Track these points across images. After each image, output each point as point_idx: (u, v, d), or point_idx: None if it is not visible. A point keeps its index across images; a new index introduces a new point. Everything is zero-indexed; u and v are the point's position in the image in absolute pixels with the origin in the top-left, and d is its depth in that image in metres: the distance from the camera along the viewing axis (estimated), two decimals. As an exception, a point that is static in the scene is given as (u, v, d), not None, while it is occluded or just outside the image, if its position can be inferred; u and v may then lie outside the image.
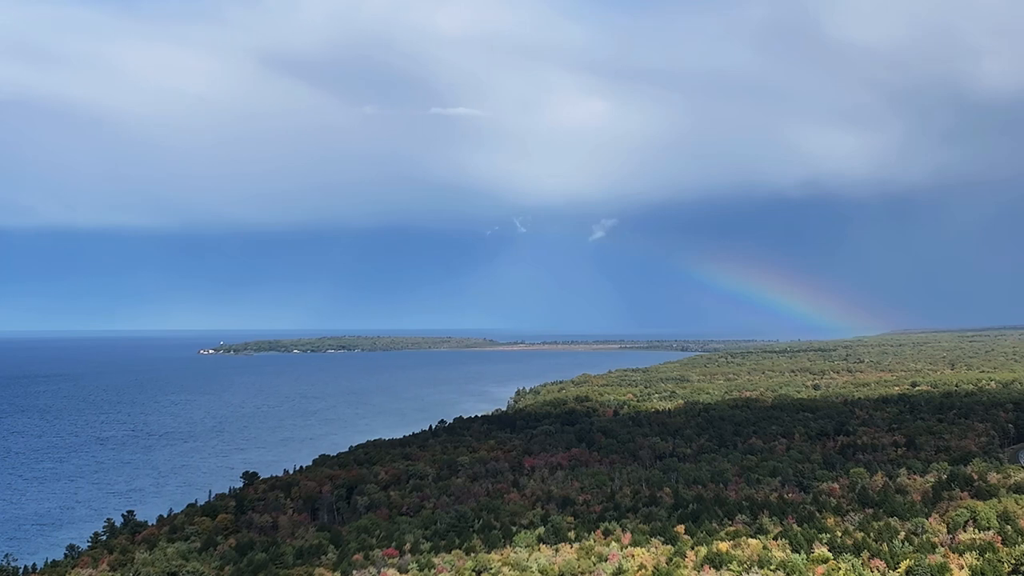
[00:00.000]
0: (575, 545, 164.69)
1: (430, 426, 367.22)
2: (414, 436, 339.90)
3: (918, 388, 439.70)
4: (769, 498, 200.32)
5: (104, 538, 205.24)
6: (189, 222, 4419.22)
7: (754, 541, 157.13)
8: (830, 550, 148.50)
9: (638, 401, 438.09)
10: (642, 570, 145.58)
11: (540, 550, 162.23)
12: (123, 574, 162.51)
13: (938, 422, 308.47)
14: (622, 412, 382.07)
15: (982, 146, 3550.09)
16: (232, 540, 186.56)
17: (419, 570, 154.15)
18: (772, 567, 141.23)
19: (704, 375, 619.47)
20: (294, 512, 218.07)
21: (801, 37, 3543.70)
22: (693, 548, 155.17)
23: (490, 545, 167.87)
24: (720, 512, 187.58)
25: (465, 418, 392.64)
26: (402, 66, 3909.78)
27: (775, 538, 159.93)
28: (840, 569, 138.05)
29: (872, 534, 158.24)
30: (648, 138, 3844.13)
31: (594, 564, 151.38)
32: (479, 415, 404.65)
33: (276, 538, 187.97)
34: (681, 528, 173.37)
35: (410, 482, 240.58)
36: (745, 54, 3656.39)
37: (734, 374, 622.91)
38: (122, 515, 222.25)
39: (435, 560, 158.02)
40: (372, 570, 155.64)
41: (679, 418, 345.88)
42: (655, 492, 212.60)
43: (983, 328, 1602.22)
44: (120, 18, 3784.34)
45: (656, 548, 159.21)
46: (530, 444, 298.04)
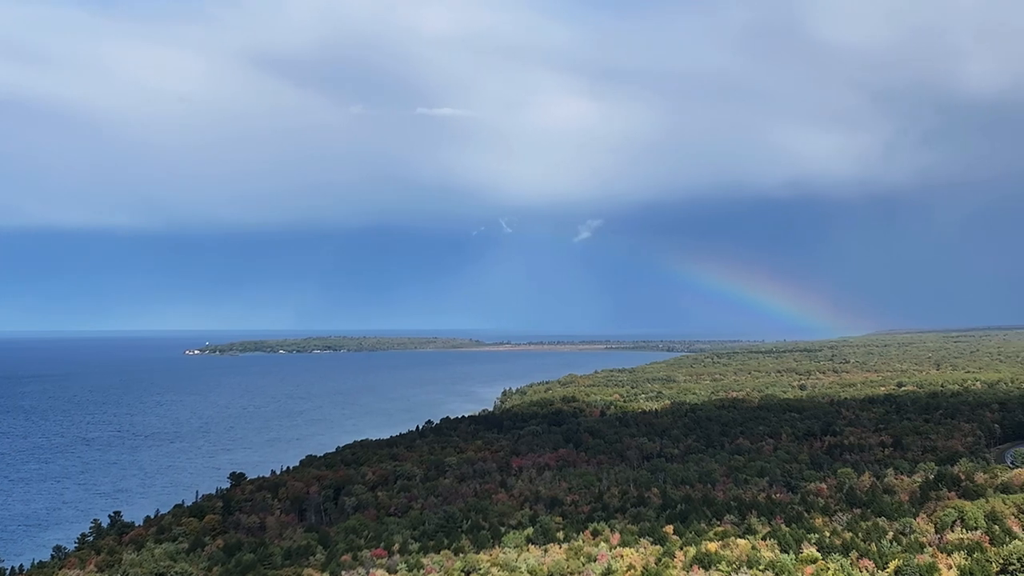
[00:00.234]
0: (564, 546, 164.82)
1: (417, 426, 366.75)
2: (401, 436, 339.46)
3: (904, 388, 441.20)
4: (757, 498, 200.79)
5: (91, 539, 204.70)
6: (175, 222, 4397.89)
7: (743, 541, 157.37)
8: (819, 550, 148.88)
9: (625, 401, 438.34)
10: (631, 570, 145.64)
11: (529, 550, 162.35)
12: (111, 575, 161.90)
13: (924, 422, 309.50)
14: (609, 412, 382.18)
15: (965, 147, 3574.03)
16: (220, 541, 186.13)
17: (408, 571, 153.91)
18: (761, 567, 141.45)
19: (690, 375, 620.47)
20: (282, 513, 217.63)
21: (785, 38, 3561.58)
22: (682, 548, 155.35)
23: (479, 546, 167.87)
24: (708, 512, 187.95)
25: (452, 418, 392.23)
26: (388, 66, 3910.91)
27: (764, 538, 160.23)
28: (829, 569, 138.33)
29: (860, 534, 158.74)
30: (633, 138, 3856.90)
31: (583, 564, 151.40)
32: (466, 415, 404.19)
33: (264, 539, 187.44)
34: (670, 528, 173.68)
35: (398, 483, 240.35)
36: (729, 55, 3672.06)
37: (720, 374, 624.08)
38: (109, 516, 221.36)
39: (424, 561, 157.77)
40: (361, 571, 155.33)
41: (666, 418, 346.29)
42: (643, 492, 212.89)
43: (967, 328, 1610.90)
44: (106, 18, 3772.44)
45: (645, 548, 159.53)
46: (517, 444, 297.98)
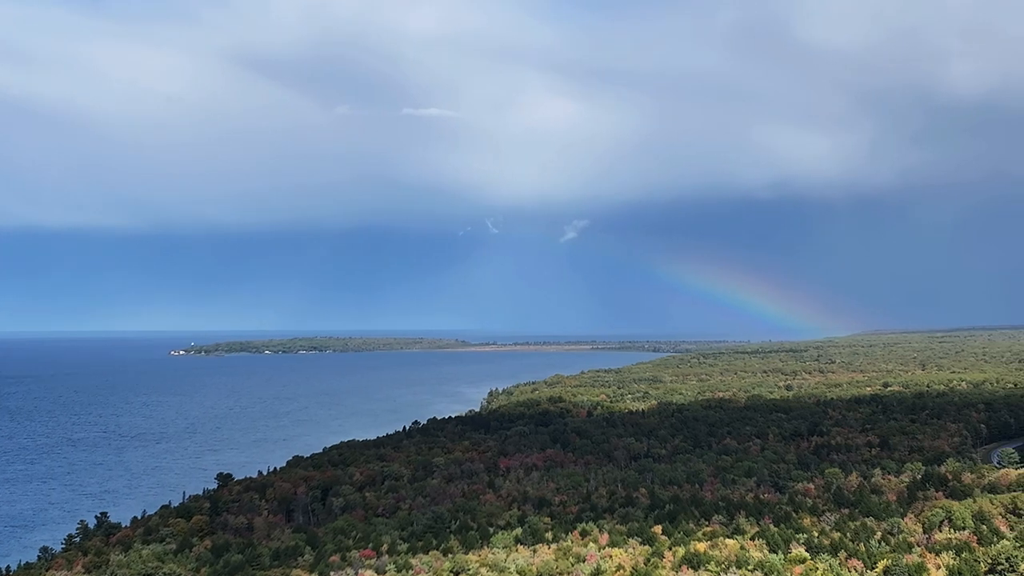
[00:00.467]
0: (553, 546, 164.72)
1: (404, 427, 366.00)
2: (388, 437, 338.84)
3: (890, 389, 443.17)
4: (745, 498, 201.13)
5: (78, 540, 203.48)
6: (161, 222, 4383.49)
7: (731, 541, 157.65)
8: (807, 550, 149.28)
9: (611, 402, 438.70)
10: (620, 571, 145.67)
11: (518, 551, 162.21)
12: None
13: (911, 422, 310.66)
14: (596, 413, 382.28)
15: (949, 148, 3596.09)
16: (208, 542, 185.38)
17: (397, 571, 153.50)
18: (750, 567, 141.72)
19: (676, 376, 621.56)
20: (269, 513, 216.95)
21: (771, 40, 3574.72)
22: (671, 548, 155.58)
23: (467, 546, 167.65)
24: (697, 513, 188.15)
25: (439, 419, 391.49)
26: (375, 67, 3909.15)
27: (752, 538, 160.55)
28: (818, 569, 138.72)
29: (849, 534, 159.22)
30: (619, 139, 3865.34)
31: (572, 565, 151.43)
32: (452, 416, 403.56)
33: (252, 539, 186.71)
34: (658, 529, 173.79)
35: (385, 483, 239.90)
36: (716, 56, 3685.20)
37: (706, 375, 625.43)
38: (95, 517, 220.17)
39: (413, 561, 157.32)
40: (349, 571, 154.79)
41: (653, 419, 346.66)
42: (631, 493, 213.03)
43: (952, 329, 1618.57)
44: (90, 17, 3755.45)
45: (634, 549, 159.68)
46: (505, 445, 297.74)
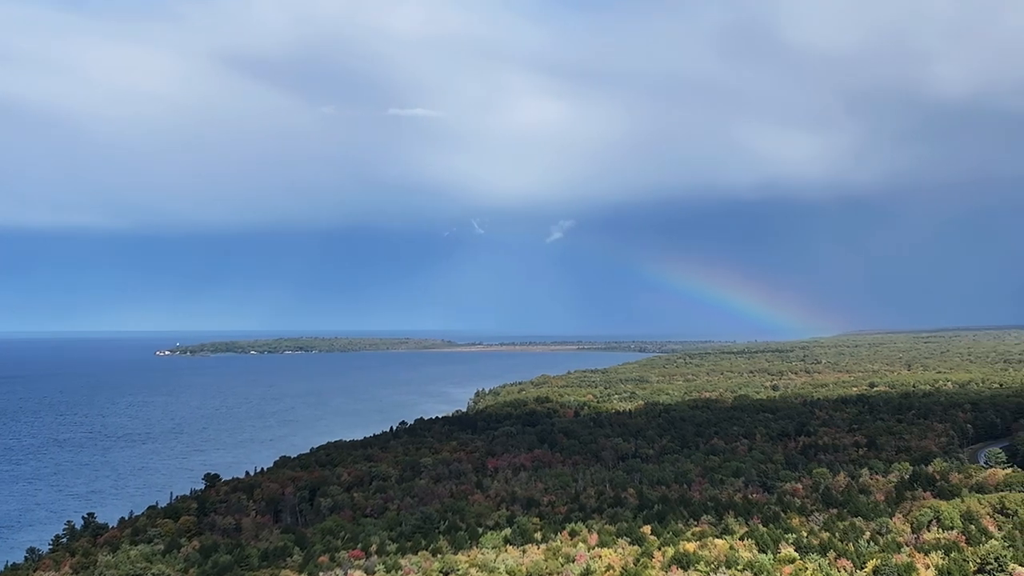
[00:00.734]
0: (542, 546, 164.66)
1: (391, 427, 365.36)
2: (375, 437, 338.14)
3: (876, 389, 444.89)
4: (733, 498, 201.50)
5: (65, 541, 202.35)
6: (146, 222, 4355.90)
7: (720, 541, 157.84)
8: (797, 550, 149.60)
9: (598, 402, 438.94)
10: (610, 571, 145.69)
11: (507, 551, 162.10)
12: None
13: (898, 422, 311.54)
14: (583, 413, 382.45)
15: (935, 149, 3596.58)
16: (196, 542, 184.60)
17: (386, 571, 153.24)
18: (739, 567, 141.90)
19: (663, 376, 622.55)
20: (257, 514, 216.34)
21: (758, 41, 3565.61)
22: (660, 549, 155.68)
23: (457, 546, 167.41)
24: (685, 513, 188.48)
25: (426, 419, 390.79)
26: (360, 67, 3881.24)
27: (741, 538, 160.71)
28: (807, 569, 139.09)
29: (838, 534, 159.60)
30: (606, 140, 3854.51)
31: (562, 565, 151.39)
32: (439, 416, 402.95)
33: (240, 540, 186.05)
34: (647, 529, 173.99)
35: (373, 483, 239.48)
36: (703, 58, 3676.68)
37: (693, 375, 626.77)
38: (82, 517, 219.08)
39: (402, 562, 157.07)
40: (339, 572, 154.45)
41: (640, 419, 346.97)
42: (619, 493, 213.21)
43: (937, 329, 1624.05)
44: (74, 15, 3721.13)
45: (623, 549, 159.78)
46: (492, 445, 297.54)
